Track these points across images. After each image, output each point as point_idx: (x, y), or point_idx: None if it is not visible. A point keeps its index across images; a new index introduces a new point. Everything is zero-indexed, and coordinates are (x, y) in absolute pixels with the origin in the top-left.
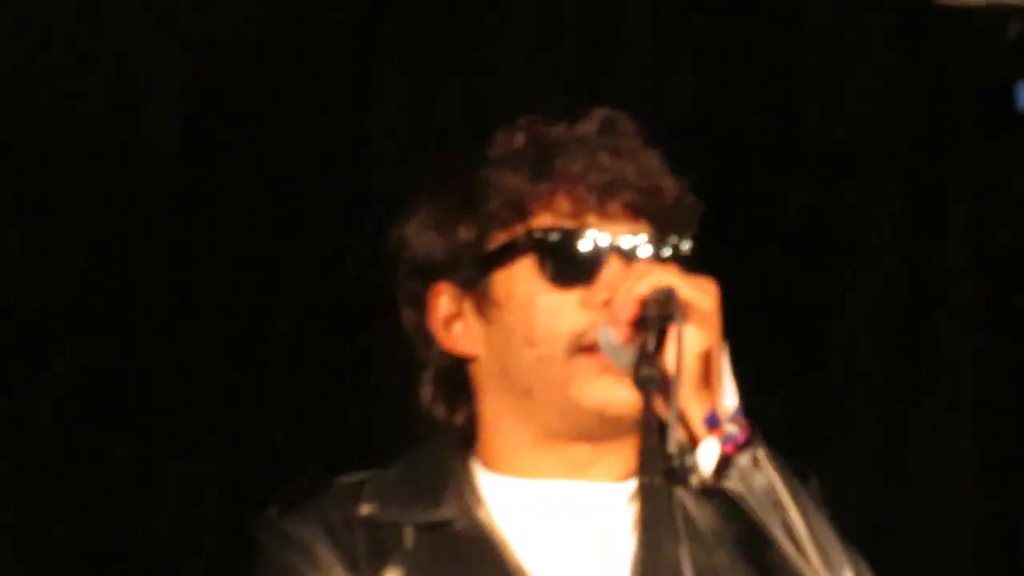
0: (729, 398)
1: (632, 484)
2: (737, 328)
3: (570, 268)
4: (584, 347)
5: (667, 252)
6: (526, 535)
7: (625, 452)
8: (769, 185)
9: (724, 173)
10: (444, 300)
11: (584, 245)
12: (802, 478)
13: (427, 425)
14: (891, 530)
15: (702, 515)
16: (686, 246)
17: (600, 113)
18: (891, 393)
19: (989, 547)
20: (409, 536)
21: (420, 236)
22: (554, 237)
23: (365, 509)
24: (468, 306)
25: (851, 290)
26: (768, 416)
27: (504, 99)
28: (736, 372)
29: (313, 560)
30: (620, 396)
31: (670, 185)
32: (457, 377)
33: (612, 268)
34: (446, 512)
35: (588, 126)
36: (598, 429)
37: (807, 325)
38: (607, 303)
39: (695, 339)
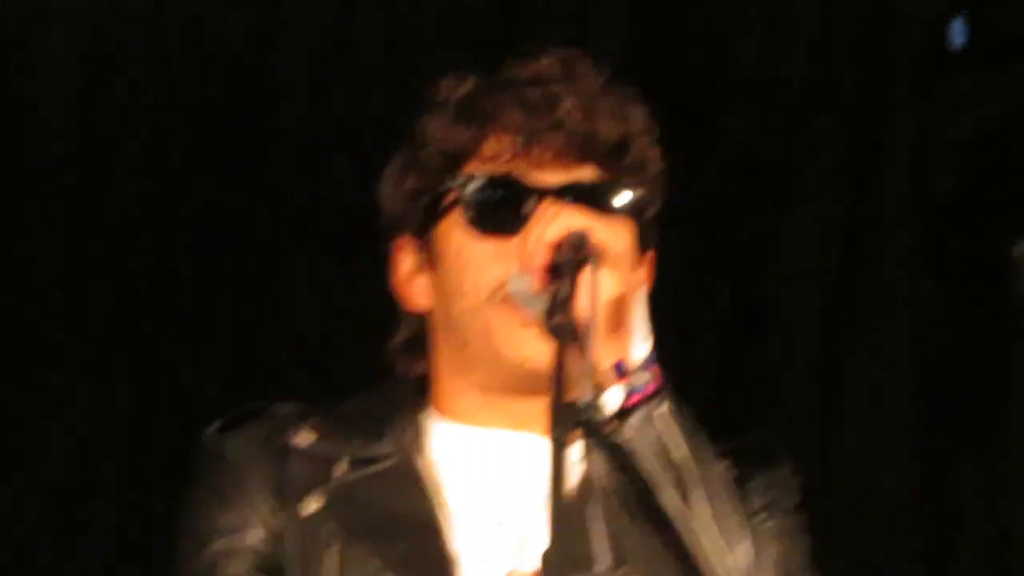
0: (641, 345)
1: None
2: (668, 270)
3: (492, 217)
4: (505, 298)
5: (617, 200)
6: (458, 478)
7: None
8: (701, 123)
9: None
10: (405, 256)
11: (505, 192)
12: (769, 458)
13: (390, 374)
14: (827, 481)
15: (604, 471)
16: (629, 196)
17: (556, 53)
18: (826, 340)
19: (927, 500)
20: (340, 468)
21: (385, 191)
22: (473, 185)
23: (303, 439)
24: (423, 260)
25: (787, 235)
26: (697, 359)
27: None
28: (663, 314)
29: (240, 483)
30: (539, 350)
31: (613, 128)
32: (421, 331)
33: (541, 216)
34: (383, 448)
35: (537, 67)
36: (528, 384)
37: (740, 268)
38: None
39: (608, 283)
